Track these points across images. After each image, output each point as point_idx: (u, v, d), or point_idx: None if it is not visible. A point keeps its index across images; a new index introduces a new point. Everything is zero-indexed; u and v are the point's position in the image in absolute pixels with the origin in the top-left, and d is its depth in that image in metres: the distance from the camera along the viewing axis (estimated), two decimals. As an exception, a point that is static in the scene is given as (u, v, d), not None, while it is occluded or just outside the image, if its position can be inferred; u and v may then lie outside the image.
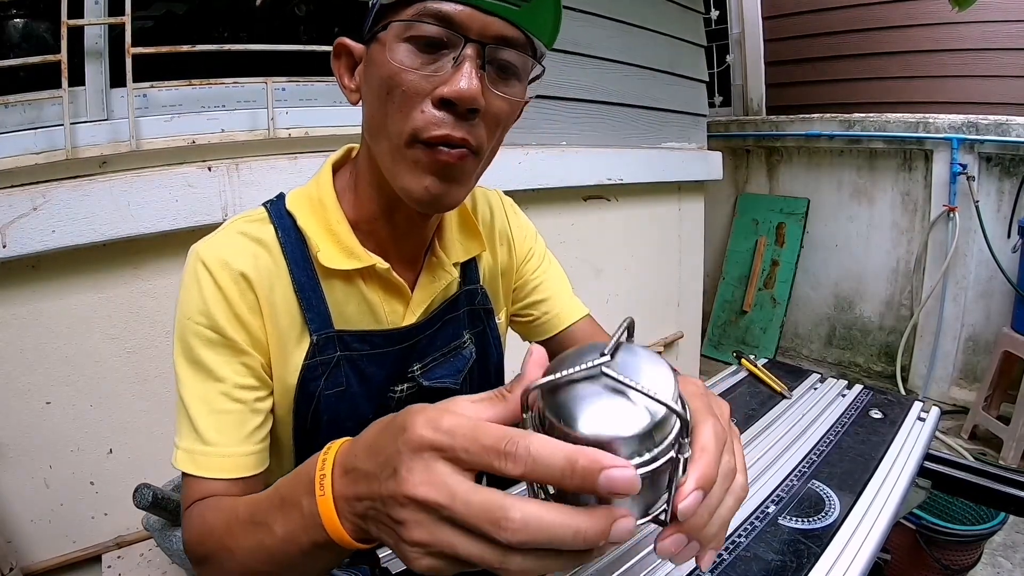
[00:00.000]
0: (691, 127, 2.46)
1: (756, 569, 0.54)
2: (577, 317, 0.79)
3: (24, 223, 1.03)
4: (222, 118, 1.31)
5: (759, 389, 0.99)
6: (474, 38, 0.48)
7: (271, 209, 0.61)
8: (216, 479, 0.53)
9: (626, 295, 2.30)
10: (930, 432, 0.84)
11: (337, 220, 0.59)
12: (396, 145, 0.51)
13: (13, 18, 1.23)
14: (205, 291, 0.55)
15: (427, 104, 0.49)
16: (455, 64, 0.48)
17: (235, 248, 0.57)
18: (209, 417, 0.54)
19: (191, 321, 0.55)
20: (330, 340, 0.59)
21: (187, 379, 0.55)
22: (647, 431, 0.30)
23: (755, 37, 3.33)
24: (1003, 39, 2.59)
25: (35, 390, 1.12)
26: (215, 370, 0.55)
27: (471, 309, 0.70)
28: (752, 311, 3.23)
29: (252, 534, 0.43)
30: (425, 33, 0.48)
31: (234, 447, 0.54)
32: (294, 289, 0.58)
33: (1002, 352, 2.26)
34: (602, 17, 1.95)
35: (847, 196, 3.02)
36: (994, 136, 2.45)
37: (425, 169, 0.51)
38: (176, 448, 0.55)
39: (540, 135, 1.84)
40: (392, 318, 0.63)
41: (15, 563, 1.11)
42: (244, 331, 0.56)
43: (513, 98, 0.53)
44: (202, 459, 0.53)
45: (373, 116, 0.53)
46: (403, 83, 0.49)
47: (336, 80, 0.58)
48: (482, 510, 0.29)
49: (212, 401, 0.54)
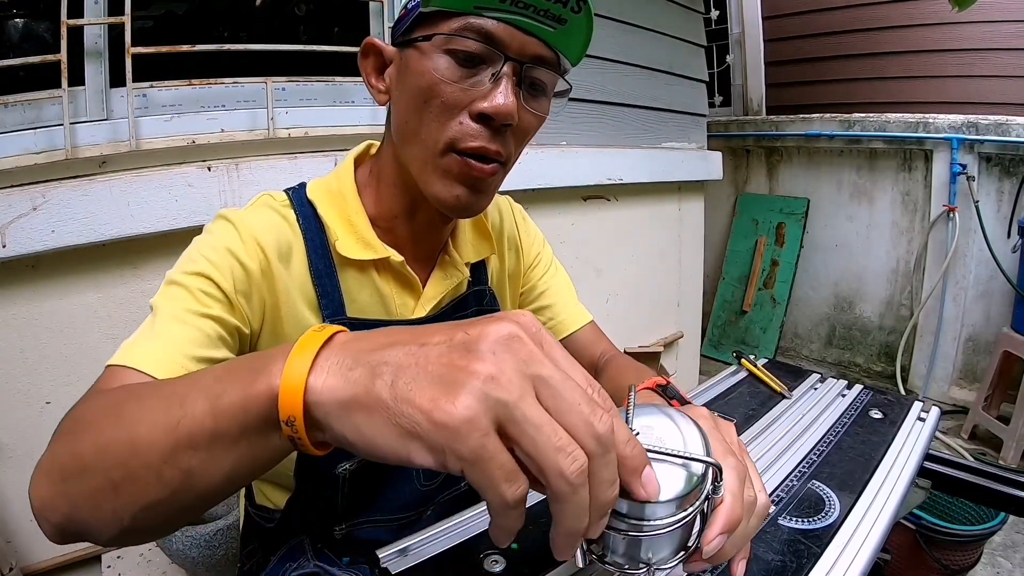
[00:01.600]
0: (691, 127, 2.46)
1: (756, 569, 0.54)
2: (580, 324, 0.80)
3: (24, 223, 1.03)
4: (222, 118, 1.31)
5: (759, 389, 0.99)
6: (513, 56, 0.50)
7: (292, 196, 0.62)
8: (146, 373, 0.46)
9: (626, 295, 2.30)
10: (930, 432, 0.84)
11: (356, 212, 0.61)
12: (431, 152, 0.53)
13: (13, 18, 1.23)
14: (223, 235, 0.56)
15: (465, 116, 0.51)
16: (493, 80, 0.51)
17: (262, 216, 0.59)
18: (171, 322, 0.50)
19: (197, 251, 0.55)
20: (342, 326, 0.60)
21: (163, 292, 0.53)
22: (687, 492, 0.32)
23: (755, 37, 3.33)
24: (1003, 39, 2.59)
25: (35, 390, 1.12)
26: (195, 294, 0.52)
27: (479, 310, 0.72)
28: (752, 311, 3.23)
29: (164, 392, 0.34)
30: (467, 48, 0.50)
31: (182, 355, 0.48)
32: (311, 273, 0.59)
33: (1002, 352, 2.26)
34: (602, 17, 1.95)
35: (847, 196, 3.02)
36: (994, 136, 2.45)
37: (457, 179, 0.54)
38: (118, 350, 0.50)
39: (540, 135, 1.81)
40: (403, 311, 0.64)
41: (15, 563, 1.11)
42: (248, 285, 0.55)
43: (541, 114, 0.56)
44: (142, 350, 0.48)
45: (407, 121, 0.54)
46: (442, 94, 0.51)
47: (363, 79, 0.59)
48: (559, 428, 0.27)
49: (180, 313, 0.51)
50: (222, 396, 0.31)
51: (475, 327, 0.28)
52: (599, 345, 0.80)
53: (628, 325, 2.33)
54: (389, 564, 0.57)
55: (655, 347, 2.28)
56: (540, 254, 0.81)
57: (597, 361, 0.78)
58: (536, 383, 0.27)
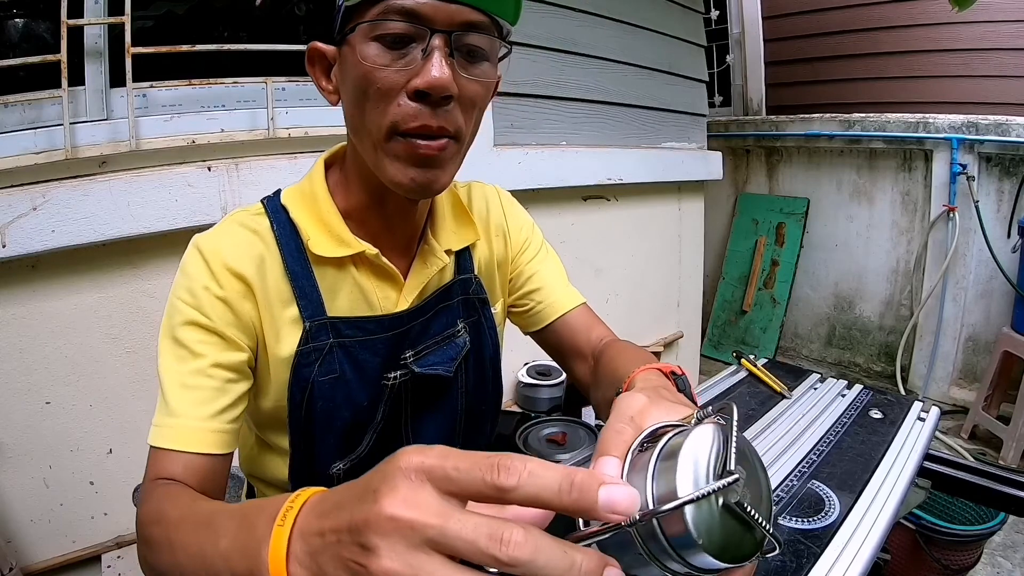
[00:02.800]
0: (691, 127, 2.46)
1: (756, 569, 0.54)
2: (571, 306, 0.78)
3: (24, 223, 1.03)
4: (222, 118, 1.31)
5: (759, 389, 0.99)
6: (440, 28, 0.50)
7: (267, 204, 0.63)
8: (178, 451, 0.53)
9: (626, 295, 2.30)
10: (930, 432, 0.84)
11: (328, 211, 0.61)
12: (377, 140, 0.53)
13: (13, 18, 1.23)
14: (196, 274, 0.57)
15: (402, 97, 0.51)
16: (424, 56, 0.50)
17: (231, 237, 0.60)
18: (181, 391, 0.55)
19: (178, 300, 0.57)
20: (323, 327, 0.61)
21: (166, 355, 0.57)
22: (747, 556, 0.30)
23: (755, 37, 3.33)
24: (1003, 39, 2.59)
25: (35, 390, 1.12)
26: (193, 348, 0.56)
27: (465, 298, 0.71)
28: (752, 311, 3.23)
29: (198, 536, 0.41)
30: (392, 30, 0.50)
31: (201, 422, 0.54)
32: (288, 277, 0.60)
33: (1002, 352, 2.26)
34: (602, 17, 1.95)
35: (847, 196, 3.02)
36: (994, 136, 2.45)
37: (407, 161, 0.53)
38: (152, 427, 0.56)
39: (540, 135, 1.84)
40: (385, 304, 0.64)
41: (15, 563, 1.10)
42: (230, 313, 0.57)
43: (485, 79, 0.54)
44: (168, 431, 0.54)
45: (353, 114, 0.55)
46: (377, 80, 0.51)
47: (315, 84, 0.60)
48: (479, 525, 0.26)
49: (185, 377, 0.56)
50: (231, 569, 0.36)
51: (361, 511, 0.28)
52: (594, 330, 0.77)
53: (628, 325, 2.33)
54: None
55: (655, 347, 2.28)
56: (529, 239, 0.80)
57: (594, 346, 0.76)
58: (431, 545, 0.27)
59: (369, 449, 0.66)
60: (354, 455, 0.66)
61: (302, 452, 0.64)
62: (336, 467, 0.65)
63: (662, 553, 0.29)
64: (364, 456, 0.66)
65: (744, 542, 0.30)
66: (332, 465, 0.65)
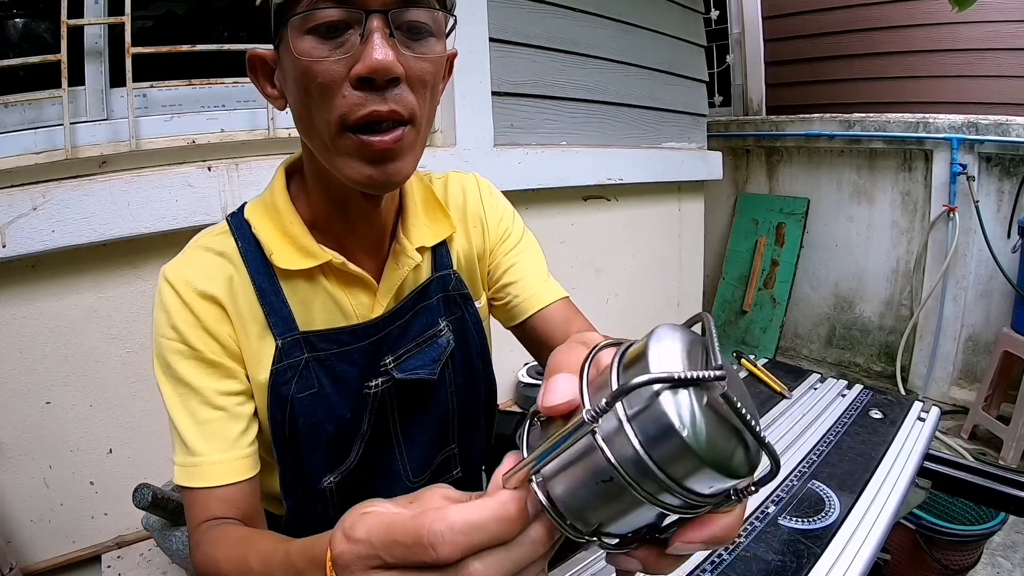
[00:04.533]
0: (691, 127, 2.46)
1: (756, 569, 0.54)
2: (550, 300, 0.73)
3: (24, 223, 1.03)
4: (222, 118, 1.31)
5: (759, 389, 0.99)
6: (375, 8, 0.47)
7: (231, 220, 0.61)
8: (212, 487, 0.55)
9: (626, 295, 2.30)
10: (930, 432, 0.84)
11: (291, 222, 0.59)
12: (327, 137, 0.50)
13: (13, 18, 1.23)
14: (171, 308, 0.57)
15: (346, 88, 0.48)
16: (363, 39, 0.47)
17: (197, 264, 0.59)
18: (194, 428, 0.56)
19: (163, 338, 0.57)
20: (296, 343, 0.60)
21: (169, 394, 0.57)
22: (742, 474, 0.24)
23: (755, 37, 3.33)
24: (1003, 39, 2.59)
25: (35, 390, 1.12)
26: (192, 382, 0.57)
27: (445, 296, 0.68)
28: (752, 311, 3.23)
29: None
30: (325, 19, 0.47)
31: (222, 454, 0.56)
32: (257, 295, 0.59)
33: (1002, 352, 2.26)
34: (602, 17, 1.95)
35: (847, 196, 3.02)
36: (994, 136, 2.45)
37: (362, 158, 0.50)
38: (174, 465, 0.57)
39: (540, 135, 1.84)
40: (360, 311, 0.62)
41: (15, 563, 1.10)
42: (214, 342, 0.58)
43: (432, 55, 0.51)
44: (195, 470, 0.56)
45: (300, 116, 0.52)
46: (317, 74, 0.48)
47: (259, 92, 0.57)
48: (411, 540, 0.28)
49: (194, 412, 0.57)
50: None
51: None
52: (574, 323, 0.72)
53: (628, 325, 2.33)
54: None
55: (655, 347, 2.28)
56: (509, 229, 0.75)
57: None
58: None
59: (359, 459, 0.64)
60: (344, 467, 0.64)
61: (291, 468, 0.63)
62: (327, 480, 0.64)
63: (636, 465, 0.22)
64: (354, 467, 0.65)
65: (736, 455, 0.23)
66: (323, 479, 0.64)
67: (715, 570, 0.54)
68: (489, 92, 1.64)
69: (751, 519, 0.63)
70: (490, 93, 1.64)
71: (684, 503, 0.24)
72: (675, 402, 0.22)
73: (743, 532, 0.60)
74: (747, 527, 0.61)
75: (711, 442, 0.22)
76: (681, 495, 0.23)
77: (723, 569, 0.55)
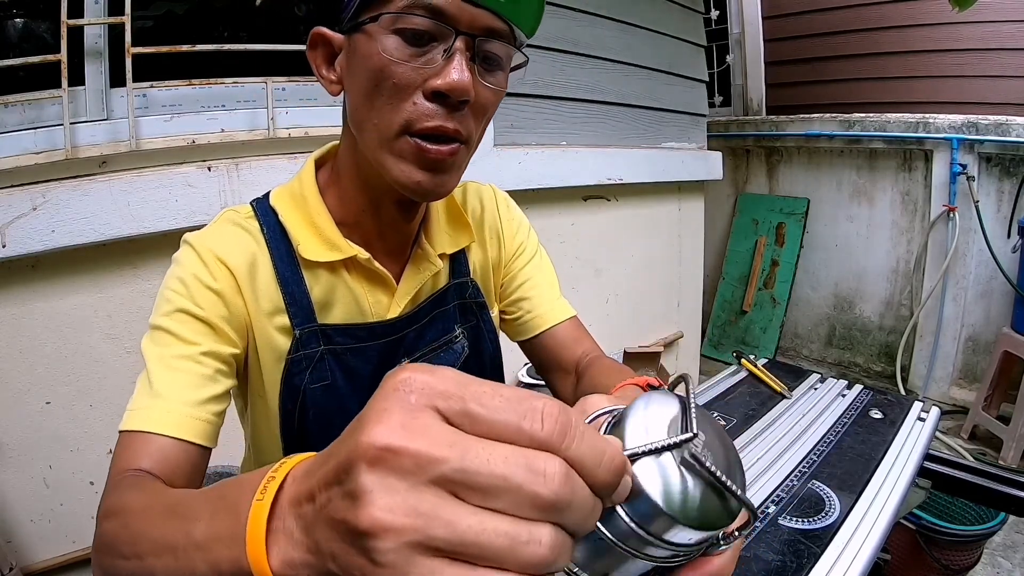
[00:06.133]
0: (691, 127, 2.46)
1: (756, 569, 0.54)
2: (561, 319, 0.76)
3: (24, 223, 1.03)
4: (222, 118, 1.31)
5: (759, 389, 0.99)
6: (464, 30, 0.48)
7: (256, 206, 0.61)
8: (156, 434, 0.49)
9: (626, 295, 2.30)
10: (930, 432, 0.84)
11: (318, 213, 0.59)
12: (385, 137, 0.51)
13: (13, 18, 1.23)
14: (188, 264, 0.56)
15: (418, 96, 0.49)
16: (446, 56, 0.48)
17: (223, 233, 0.58)
18: (166, 372, 0.52)
19: (169, 290, 0.55)
20: (313, 334, 0.60)
21: (151, 341, 0.55)
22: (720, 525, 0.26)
23: (755, 37, 3.33)
24: (1003, 39, 2.59)
25: (35, 390, 1.12)
26: (182, 335, 0.54)
27: (462, 303, 0.69)
28: (752, 311, 3.23)
29: (166, 525, 0.34)
30: (415, 26, 0.48)
31: (185, 405, 0.51)
32: (278, 282, 0.59)
33: (1002, 352, 2.26)
34: (602, 17, 1.95)
35: (847, 196, 3.02)
36: (994, 136, 2.45)
37: (415, 163, 0.51)
38: (126, 412, 0.52)
39: (540, 135, 1.84)
40: (377, 309, 0.63)
41: (15, 563, 1.10)
42: (224, 307, 0.56)
43: (499, 88, 0.53)
44: (145, 412, 0.51)
45: (359, 107, 0.53)
46: (394, 75, 0.49)
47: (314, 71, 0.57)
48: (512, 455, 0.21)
49: (172, 360, 0.53)
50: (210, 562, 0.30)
51: (344, 449, 0.22)
52: (581, 344, 0.75)
53: (628, 325, 2.33)
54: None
55: (655, 347, 2.28)
56: (524, 243, 0.77)
57: (579, 361, 0.74)
58: (444, 485, 0.20)
59: None
60: None
61: None
62: None
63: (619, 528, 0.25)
64: None
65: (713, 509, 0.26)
66: None
67: None
68: (489, 92, 1.64)
69: (751, 519, 0.63)
70: (490, 93, 1.64)
71: (672, 553, 0.27)
72: (647, 469, 0.26)
73: (743, 532, 0.60)
74: (747, 527, 0.61)
75: (684, 502, 0.25)
76: (665, 547, 0.26)
77: (723, 569, 0.54)
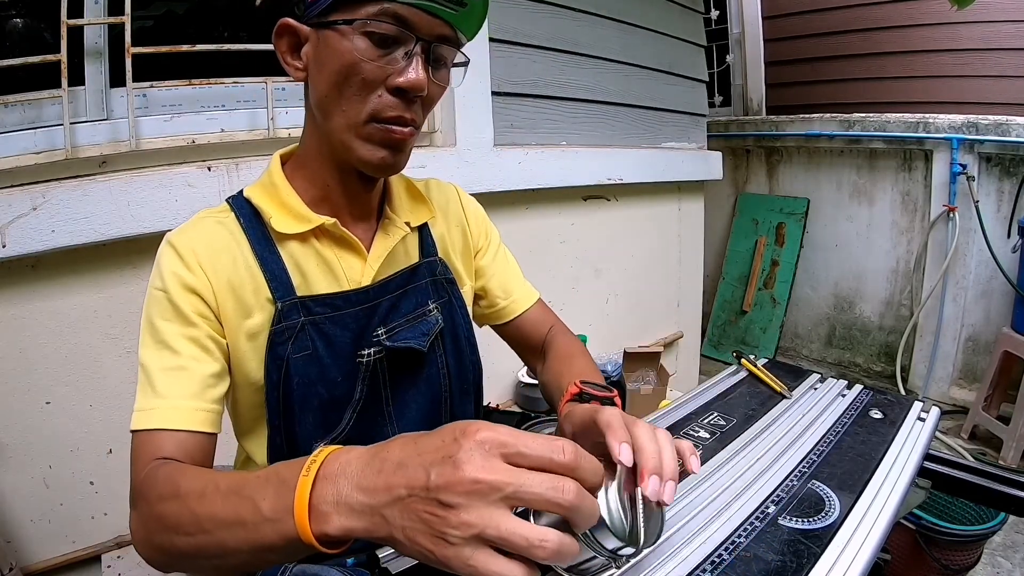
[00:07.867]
0: (691, 127, 2.46)
1: (756, 569, 0.54)
2: (527, 305, 0.87)
3: (24, 223, 1.03)
4: (222, 118, 1.31)
5: (759, 389, 0.99)
6: (423, 36, 0.58)
7: (231, 200, 0.68)
8: (169, 430, 0.56)
9: (626, 295, 2.30)
10: (930, 432, 0.84)
11: (288, 195, 0.66)
12: (354, 123, 0.60)
13: (13, 18, 1.23)
14: (166, 262, 0.62)
15: (383, 90, 0.59)
16: (407, 58, 0.58)
17: (199, 228, 0.64)
18: (163, 374, 0.59)
19: (153, 288, 0.62)
20: (294, 306, 0.65)
21: (146, 342, 0.61)
22: None
23: (755, 37, 3.33)
24: (1003, 39, 2.59)
25: (35, 390, 1.12)
26: (169, 333, 0.60)
27: (433, 280, 0.75)
28: (752, 311, 3.23)
29: (231, 505, 0.43)
30: (384, 31, 0.57)
31: (187, 400, 0.58)
32: (257, 261, 0.64)
33: (1002, 352, 2.26)
34: (602, 17, 1.95)
35: (847, 196, 3.02)
36: (994, 136, 2.45)
37: (380, 143, 0.61)
38: (134, 413, 0.58)
39: (540, 135, 1.84)
40: (351, 275, 0.68)
41: (15, 563, 1.10)
42: (201, 301, 0.61)
43: (445, 84, 0.64)
44: (155, 412, 0.57)
45: (327, 95, 0.60)
46: (363, 71, 0.57)
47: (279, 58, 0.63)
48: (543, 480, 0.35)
49: (167, 361, 0.59)
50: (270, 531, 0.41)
51: (443, 475, 0.35)
52: (546, 323, 0.87)
53: (628, 325, 2.33)
54: (389, 564, 0.57)
55: (655, 347, 2.28)
56: (488, 236, 0.86)
57: (544, 340, 0.86)
58: (508, 502, 0.35)
59: (350, 428, 0.67)
60: (335, 434, 0.67)
61: (282, 433, 0.66)
62: (317, 447, 0.65)
63: None
64: (345, 435, 0.67)
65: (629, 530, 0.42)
66: (312, 445, 0.65)
67: (715, 570, 0.54)
68: (489, 92, 1.64)
69: (751, 519, 0.63)
70: (490, 93, 1.64)
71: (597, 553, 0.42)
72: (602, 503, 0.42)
73: (743, 532, 0.60)
74: (747, 527, 0.61)
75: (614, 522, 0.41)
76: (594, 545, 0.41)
77: (723, 569, 0.55)
